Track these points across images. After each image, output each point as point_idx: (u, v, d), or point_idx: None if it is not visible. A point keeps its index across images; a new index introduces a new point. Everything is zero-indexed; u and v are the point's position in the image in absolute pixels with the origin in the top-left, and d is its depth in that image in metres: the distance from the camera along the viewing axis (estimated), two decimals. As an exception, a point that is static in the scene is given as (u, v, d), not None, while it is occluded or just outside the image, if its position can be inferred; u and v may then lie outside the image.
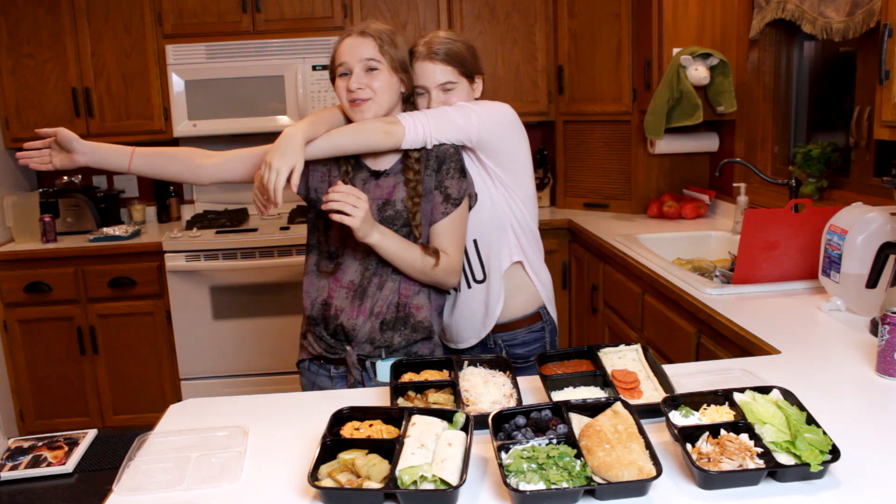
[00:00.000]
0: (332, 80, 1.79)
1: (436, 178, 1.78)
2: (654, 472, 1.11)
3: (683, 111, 3.02)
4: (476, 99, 1.90)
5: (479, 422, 1.30)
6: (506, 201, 1.89)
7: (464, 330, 1.98)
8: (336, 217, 1.62)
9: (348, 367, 1.80)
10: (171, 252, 3.41)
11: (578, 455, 1.16)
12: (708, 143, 3.40)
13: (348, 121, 1.78)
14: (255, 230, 3.54)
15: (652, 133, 3.14)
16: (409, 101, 1.84)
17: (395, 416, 1.31)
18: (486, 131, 1.79)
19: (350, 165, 1.80)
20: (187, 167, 1.79)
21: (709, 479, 1.12)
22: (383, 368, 1.78)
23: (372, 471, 1.16)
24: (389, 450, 1.20)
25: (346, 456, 1.21)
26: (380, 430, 1.29)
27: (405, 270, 1.76)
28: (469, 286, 1.93)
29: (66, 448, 1.76)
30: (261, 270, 3.43)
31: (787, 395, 1.30)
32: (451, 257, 1.79)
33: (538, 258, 2.00)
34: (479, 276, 1.92)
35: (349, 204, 1.60)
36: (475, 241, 1.90)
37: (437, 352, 1.87)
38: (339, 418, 1.32)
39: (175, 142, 3.95)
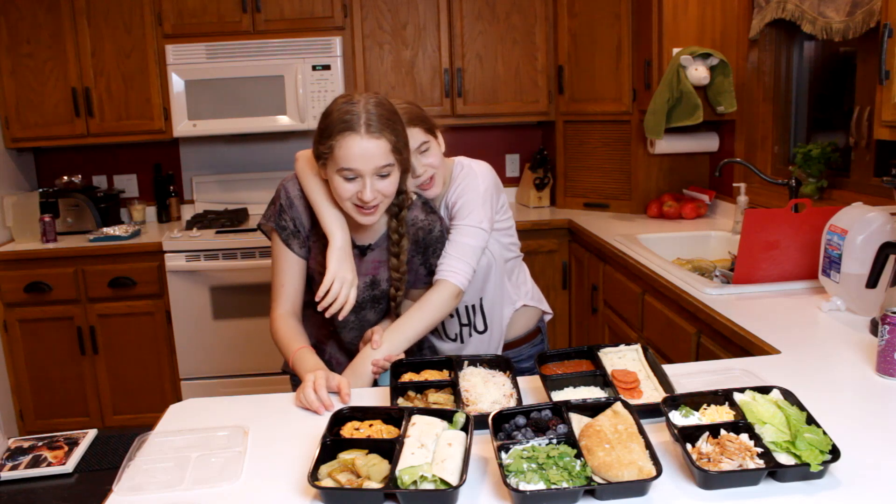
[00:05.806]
0: (318, 155, 1.61)
1: (422, 257, 1.78)
2: (654, 472, 1.11)
3: (683, 111, 3.02)
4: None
5: (479, 422, 1.30)
6: (507, 251, 1.94)
7: None
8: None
9: None
10: (171, 252, 3.41)
11: (578, 455, 1.16)
12: (708, 143, 3.40)
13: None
14: (255, 230, 3.53)
15: (652, 133, 3.13)
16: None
17: (395, 416, 1.31)
18: (492, 222, 1.82)
19: None
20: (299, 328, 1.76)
21: (709, 479, 1.12)
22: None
23: (372, 471, 1.16)
24: (389, 450, 1.20)
25: (346, 456, 1.21)
26: (380, 430, 1.29)
27: None
28: (471, 335, 1.97)
29: (66, 448, 1.76)
30: (261, 270, 3.43)
31: (787, 395, 1.30)
32: None
33: (529, 280, 2.06)
34: (481, 328, 1.96)
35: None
36: (481, 300, 1.93)
37: (427, 351, 1.93)
38: (339, 418, 1.32)
39: (175, 142, 3.96)
